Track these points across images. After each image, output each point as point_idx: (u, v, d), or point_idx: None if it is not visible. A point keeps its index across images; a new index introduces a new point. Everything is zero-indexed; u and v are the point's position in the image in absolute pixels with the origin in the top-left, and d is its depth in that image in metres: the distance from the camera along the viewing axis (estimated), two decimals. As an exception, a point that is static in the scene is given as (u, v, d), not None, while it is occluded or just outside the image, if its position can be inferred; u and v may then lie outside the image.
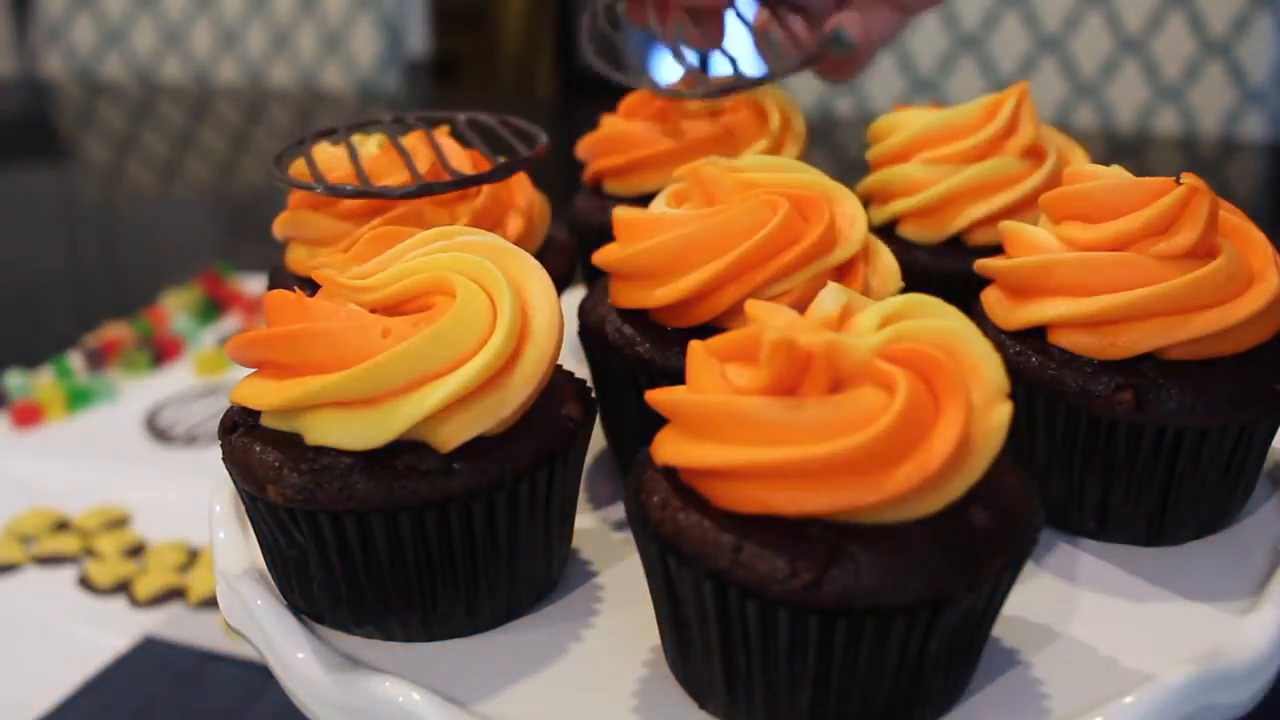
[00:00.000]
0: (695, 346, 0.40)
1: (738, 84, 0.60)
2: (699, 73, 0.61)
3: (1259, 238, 0.48)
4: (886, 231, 0.61)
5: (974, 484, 0.37)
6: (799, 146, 0.65)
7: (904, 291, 0.45)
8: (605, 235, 0.53)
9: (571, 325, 0.49)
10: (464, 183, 0.54)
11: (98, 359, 1.03)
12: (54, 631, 0.71)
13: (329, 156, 0.58)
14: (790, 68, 0.61)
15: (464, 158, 0.57)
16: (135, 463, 0.89)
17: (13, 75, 2.22)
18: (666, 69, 0.61)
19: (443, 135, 0.59)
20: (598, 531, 0.52)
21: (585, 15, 0.63)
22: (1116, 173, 0.49)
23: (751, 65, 0.62)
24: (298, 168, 0.57)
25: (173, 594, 0.74)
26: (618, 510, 0.53)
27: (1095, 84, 1.67)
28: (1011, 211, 0.57)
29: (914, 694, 0.39)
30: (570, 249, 0.64)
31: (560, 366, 0.47)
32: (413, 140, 0.58)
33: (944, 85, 1.72)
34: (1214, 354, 0.47)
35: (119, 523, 0.81)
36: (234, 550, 0.50)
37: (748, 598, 0.37)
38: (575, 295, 0.58)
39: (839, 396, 0.37)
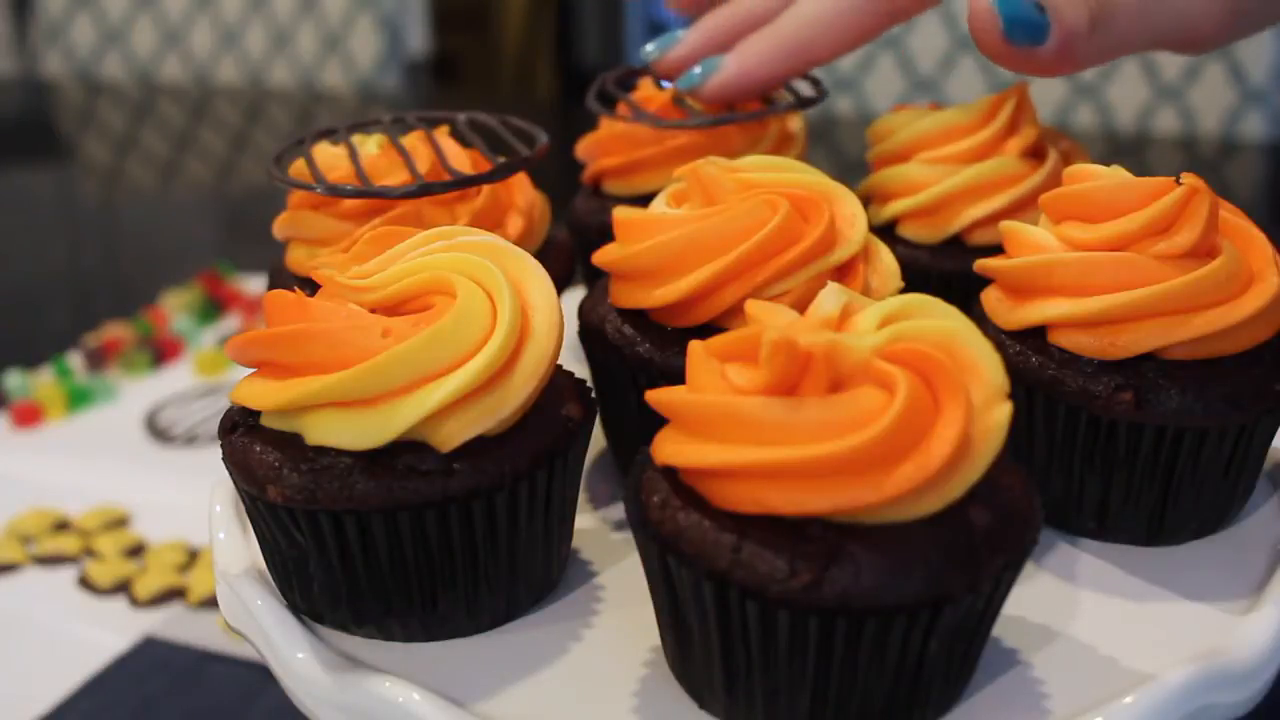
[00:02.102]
0: (695, 346, 0.40)
1: (730, 118, 0.61)
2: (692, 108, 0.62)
3: (1259, 238, 0.48)
4: (886, 231, 0.61)
5: (974, 484, 0.37)
6: (799, 147, 0.65)
7: (904, 291, 0.45)
8: (605, 235, 0.53)
9: (571, 325, 0.49)
10: (464, 183, 0.54)
11: (98, 359, 1.03)
12: (54, 631, 0.71)
13: (329, 156, 0.58)
14: (780, 110, 0.62)
15: (464, 158, 0.57)
16: (135, 463, 0.89)
17: (13, 75, 2.22)
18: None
19: (443, 135, 0.59)
20: (598, 531, 0.52)
21: (594, 85, 0.66)
22: (1116, 173, 0.49)
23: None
24: (298, 168, 0.57)
25: (173, 594, 0.74)
26: (618, 510, 0.53)
27: (1095, 84, 1.67)
28: (1011, 211, 0.57)
29: (914, 694, 0.39)
30: (570, 249, 0.64)
31: (560, 366, 0.47)
32: (413, 140, 0.58)
33: (944, 85, 1.72)
34: (1214, 354, 0.47)
35: (119, 523, 0.81)
36: (234, 550, 0.50)
37: (748, 598, 0.37)
38: (575, 295, 0.58)
39: (839, 396, 0.37)
